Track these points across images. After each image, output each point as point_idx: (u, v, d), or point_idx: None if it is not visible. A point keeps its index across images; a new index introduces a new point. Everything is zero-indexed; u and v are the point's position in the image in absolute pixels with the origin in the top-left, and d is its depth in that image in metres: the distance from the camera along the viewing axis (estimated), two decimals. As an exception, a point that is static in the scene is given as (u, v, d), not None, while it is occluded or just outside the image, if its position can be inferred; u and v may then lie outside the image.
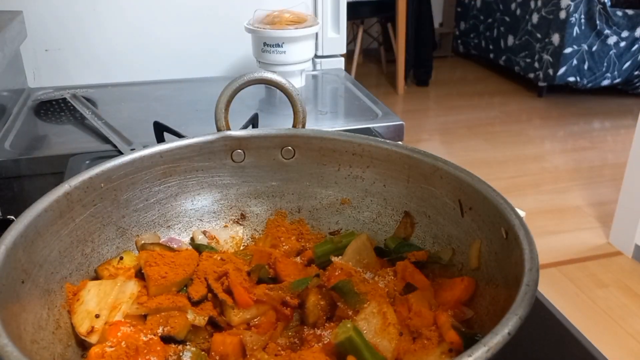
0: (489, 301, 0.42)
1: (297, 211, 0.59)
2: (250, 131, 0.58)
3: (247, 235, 0.59)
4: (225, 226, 0.58)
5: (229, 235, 0.57)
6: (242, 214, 0.59)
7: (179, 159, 0.55)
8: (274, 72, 0.58)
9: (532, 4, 3.61)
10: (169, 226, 0.56)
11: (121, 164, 0.51)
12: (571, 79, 3.46)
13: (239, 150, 0.58)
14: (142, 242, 0.52)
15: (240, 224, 0.59)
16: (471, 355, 0.29)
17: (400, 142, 0.55)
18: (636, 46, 3.41)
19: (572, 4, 3.25)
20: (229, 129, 0.57)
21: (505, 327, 0.31)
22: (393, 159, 0.54)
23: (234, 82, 0.56)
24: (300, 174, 0.59)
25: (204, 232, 0.57)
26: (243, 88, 0.56)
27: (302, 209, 0.59)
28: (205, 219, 0.57)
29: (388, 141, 0.56)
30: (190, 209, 0.57)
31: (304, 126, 0.59)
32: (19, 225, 0.41)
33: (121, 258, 0.49)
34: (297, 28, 1.10)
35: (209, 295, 0.47)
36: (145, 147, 0.54)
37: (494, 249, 0.44)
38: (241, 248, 0.57)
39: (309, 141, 0.58)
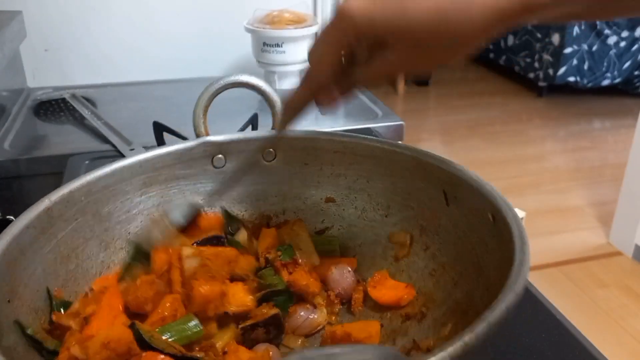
0: (483, 289, 0.42)
1: (281, 213, 0.59)
2: (229, 136, 0.58)
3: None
4: (210, 232, 0.57)
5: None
6: None
7: (159, 167, 0.54)
8: (251, 74, 0.57)
9: (532, 4, 3.60)
10: None
11: (100, 176, 0.50)
12: (571, 78, 3.45)
13: (220, 156, 0.57)
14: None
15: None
16: (473, 331, 0.30)
17: (383, 139, 0.55)
18: (636, 46, 3.41)
19: (572, 3, 3.25)
20: (207, 134, 0.57)
21: (503, 302, 0.32)
22: (375, 154, 0.55)
23: (210, 86, 0.56)
24: (282, 176, 0.58)
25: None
26: (220, 92, 0.56)
27: (286, 210, 0.59)
28: None
29: (369, 137, 0.56)
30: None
31: None
32: (2, 243, 0.40)
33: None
34: (296, 28, 1.10)
35: None
36: (124, 157, 0.53)
37: (483, 237, 0.44)
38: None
39: (289, 142, 0.57)
